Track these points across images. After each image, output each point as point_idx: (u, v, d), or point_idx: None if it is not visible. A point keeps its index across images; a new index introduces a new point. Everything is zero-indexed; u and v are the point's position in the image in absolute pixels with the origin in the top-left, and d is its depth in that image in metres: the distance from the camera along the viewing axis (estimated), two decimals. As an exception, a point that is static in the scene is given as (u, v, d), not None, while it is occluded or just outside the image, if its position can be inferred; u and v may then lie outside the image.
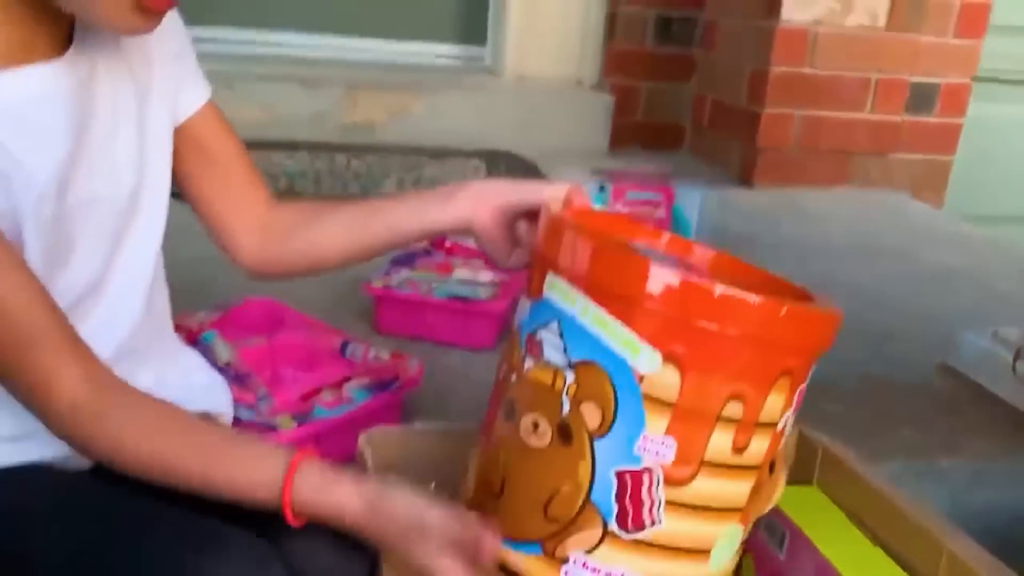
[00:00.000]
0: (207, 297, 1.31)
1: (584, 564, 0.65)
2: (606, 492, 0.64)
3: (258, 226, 0.84)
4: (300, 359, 1.15)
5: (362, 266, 1.48)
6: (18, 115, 0.64)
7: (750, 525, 0.71)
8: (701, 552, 0.67)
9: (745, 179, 2.56)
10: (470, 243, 1.61)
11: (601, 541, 0.65)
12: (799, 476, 1.00)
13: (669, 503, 0.64)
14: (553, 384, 0.65)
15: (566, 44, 2.87)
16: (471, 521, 0.64)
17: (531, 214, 0.76)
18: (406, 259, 1.50)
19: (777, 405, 0.65)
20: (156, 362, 0.80)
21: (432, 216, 0.79)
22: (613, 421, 0.63)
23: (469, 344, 1.39)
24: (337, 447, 0.99)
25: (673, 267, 0.63)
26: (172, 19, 0.79)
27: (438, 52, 2.97)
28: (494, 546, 0.64)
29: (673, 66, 2.85)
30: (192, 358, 0.88)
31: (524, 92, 2.82)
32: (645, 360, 0.61)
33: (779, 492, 0.72)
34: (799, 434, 1.00)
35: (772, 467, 0.71)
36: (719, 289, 0.61)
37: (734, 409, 0.63)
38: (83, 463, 0.74)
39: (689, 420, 0.63)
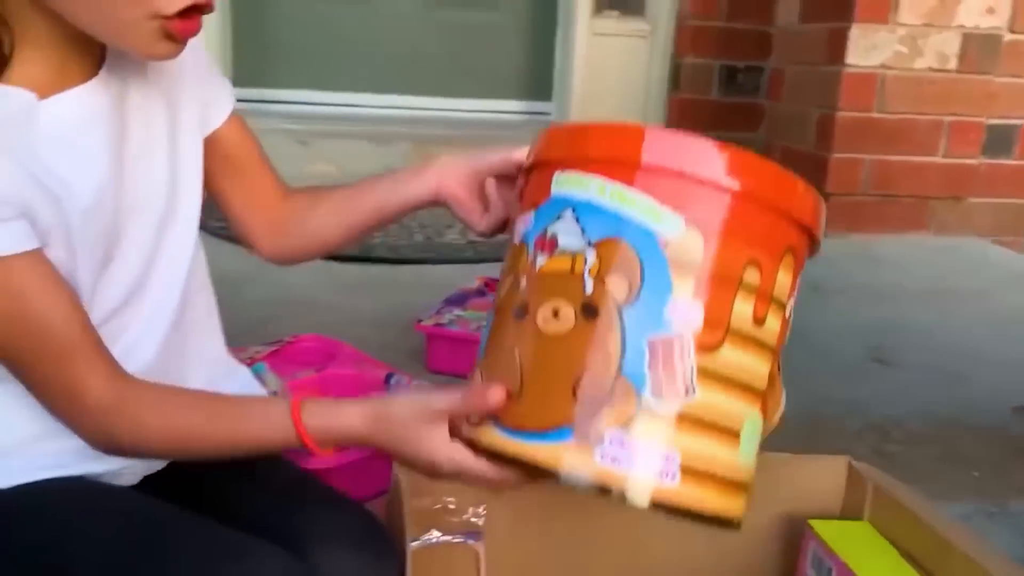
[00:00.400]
0: (268, 337, 1.34)
1: (621, 442, 0.62)
2: (638, 362, 0.62)
3: (270, 220, 0.89)
4: (346, 390, 1.16)
5: (415, 306, 1.52)
6: (60, 137, 0.68)
7: (762, 427, 0.70)
8: (732, 433, 0.65)
9: (815, 226, 2.51)
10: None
11: (636, 416, 0.62)
12: (850, 512, 0.96)
13: (701, 371, 0.63)
14: (573, 269, 0.64)
15: (630, 96, 2.91)
16: (475, 388, 0.65)
17: (499, 177, 0.80)
18: (459, 299, 1.52)
19: (785, 284, 0.67)
20: (207, 369, 0.83)
21: (406, 190, 0.83)
22: (640, 289, 0.62)
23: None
24: (376, 476, 0.99)
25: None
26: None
27: (504, 108, 3.04)
28: (499, 398, 0.63)
29: (740, 115, 2.84)
30: (244, 373, 0.90)
31: (589, 144, 2.84)
32: (668, 225, 0.62)
33: (781, 403, 0.72)
34: (849, 467, 0.97)
35: (778, 367, 0.71)
36: (728, 152, 0.64)
37: (752, 275, 0.64)
38: (131, 479, 0.77)
39: (714, 283, 0.63)
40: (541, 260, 0.66)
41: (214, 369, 0.85)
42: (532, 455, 0.63)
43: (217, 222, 0.90)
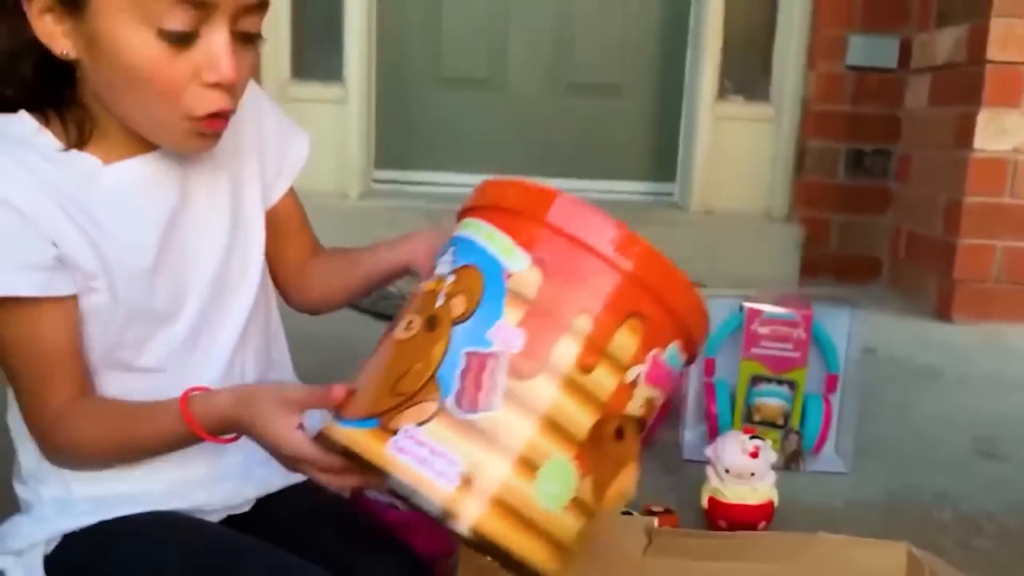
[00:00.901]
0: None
1: (412, 436, 0.65)
2: (452, 369, 0.66)
3: (298, 275, 1.01)
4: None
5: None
6: (118, 199, 0.80)
7: (591, 498, 0.70)
8: (528, 465, 0.66)
9: (943, 313, 2.43)
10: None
11: (433, 416, 0.65)
12: (910, 600, 0.95)
13: (509, 393, 0.66)
14: (435, 289, 0.71)
15: (755, 178, 2.93)
16: (322, 387, 0.72)
17: None
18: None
19: (628, 346, 0.68)
20: None
21: (387, 261, 0.93)
22: (475, 309, 0.68)
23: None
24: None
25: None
26: (258, 103, 0.94)
27: (628, 189, 3.12)
28: (339, 394, 0.70)
29: (866, 198, 2.81)
30: (313, 418, 1.01)
31: (711, 225, 2.88)
32: (517, 261, 0.69)
33: (628, 480, 0.72)
34: (908, 555, 0.96)
35: (621, 434, 0.70)
36: (584, 208, 0.70)
37: (583, 323, 0.67)
38: (217, 516, 0.89)
39: (542, 318, 0.67)
40: (423, 284, 0.74)
41: None
42: (337, 437, 0.68)
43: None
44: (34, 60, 0.76)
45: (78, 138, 0.79)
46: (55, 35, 0.74)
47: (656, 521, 1.11)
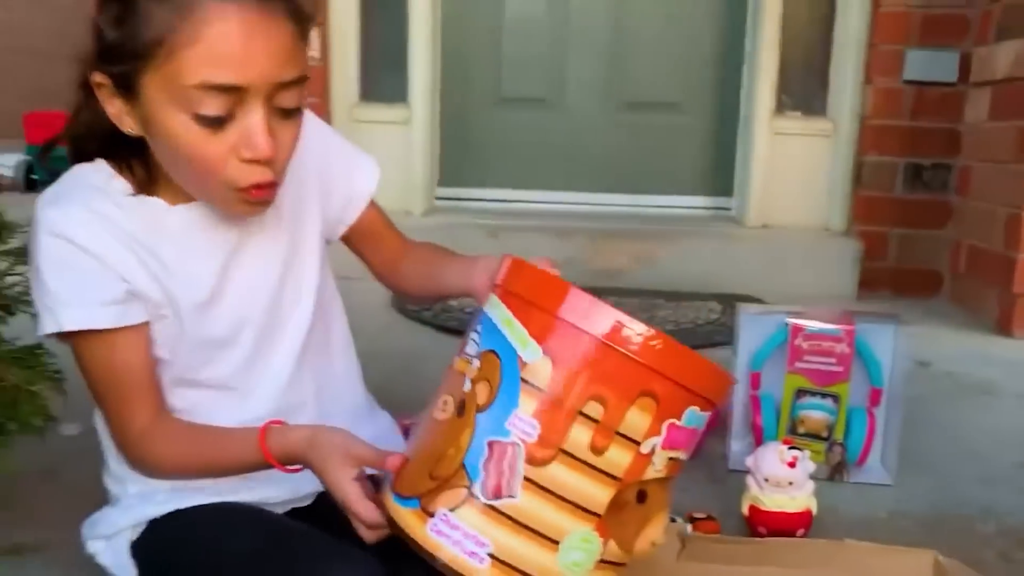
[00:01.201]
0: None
1: (446, 520, 0.74)
2: (477, 457, 0.73)
3: (392, 270, 1.12)
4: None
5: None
6: (181, 238, 0.90)
7: (619, 553, 0.76)
8: (550, 540, 0.73)
9: (1003, 327, 2.42)
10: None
11: (464, 502, 0.73)
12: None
13: (527, 480, 0.72)
14: (464, 371, 0.78)
15: (812, 193, 2.95)
16: (383, 452, 0.81)
17: None
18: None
19: (640, 424, 0.72)
20: (348, 414, 1.04)
21: (454, 285, 1.02)
22: (495, 399, 0.74)
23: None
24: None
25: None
26: (326, 140, 1.04)
27: (686, 204, 3.16)
28: (394, 464, 0.79)
29: (926, 212, 2.80)
30: (383, 418, 1.12)
31: (768, 239, 2.90)
32: (530, 351, 0.73)
33: (655, 531, 0.78)
34: (935, 562, 1.00)
35: (643, 497, 0.76)
36: (592, 301, 0.73)
37: (594, 409, 0.72)
38: (281, 508, 0.99)
39: (554, 408, 0.72)
40: (456, 359, 0.80)
41: (355, 414, 1.06)
42: (391, 512, 0.78)
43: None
44: (110, 130, 0.87)
45: (146, 185, 0.90)
46: (121, 115, 0.85)
47: (690, 528, 1.17)
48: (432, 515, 0.75)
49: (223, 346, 0.95)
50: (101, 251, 0.86)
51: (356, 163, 1.08)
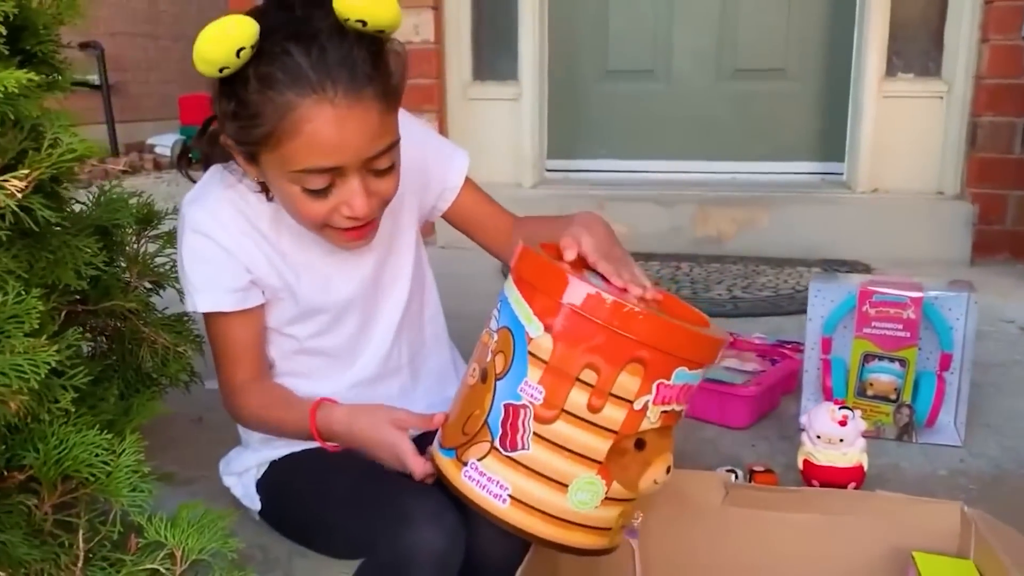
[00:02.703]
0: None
1: (476, 468, 0.90)
2: (497, 417, 0.89)
3: (502, 244, 1.22)
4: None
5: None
6: (298, 232, 1.06)
7: (624, 491, 0.90)
8: (559, 484, 0.88)
9: (1122, 291, 2.36)
10: (751, 338, 1.82)
11: (488, 453, 0.89)
12: (963, 553, 1.07)
13: (536, 435, 0.87)
14: (487, 343, 0.92)
15: (924, 156, 2.91)
16: (424, 415, 0.99)
17: None
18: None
19: (631, 385, 0.85)
20: (435, 378, 1.23)
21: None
22: (509, 368, 0.88)
23: (724, 423, 1.60)
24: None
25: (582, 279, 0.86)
26: (425, 139, 1.19)
27: (795, 170, 3.18)
28: (438, 420, 0.97)
29: (1045, 173, 2.73)
30: None
31: (879, 204, 2.90)
32: (534, 328, 0.87)
33: (656, 473, 0.91)
34: (962, 512, 1.08)
35: (642, 444, 0.90)
36: (584, 286, 0.84)
37: (589, 375, 0.85)
38: None
39: (555, 376, 0.86)
40: (483, 332, 0.95)
41: (441, 374, 1.24)
42: (437, 461, 0.96)
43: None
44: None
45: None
46: (248, 168, 1.02)
47: (734, 477, 1.29)
48: (465, 464, 0.91)
49: (332, 323, 1.14)
50: (231, 246, 1.05)
51: (449, 157, 1.22)
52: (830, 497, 1.13)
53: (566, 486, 0.88)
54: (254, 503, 1.17)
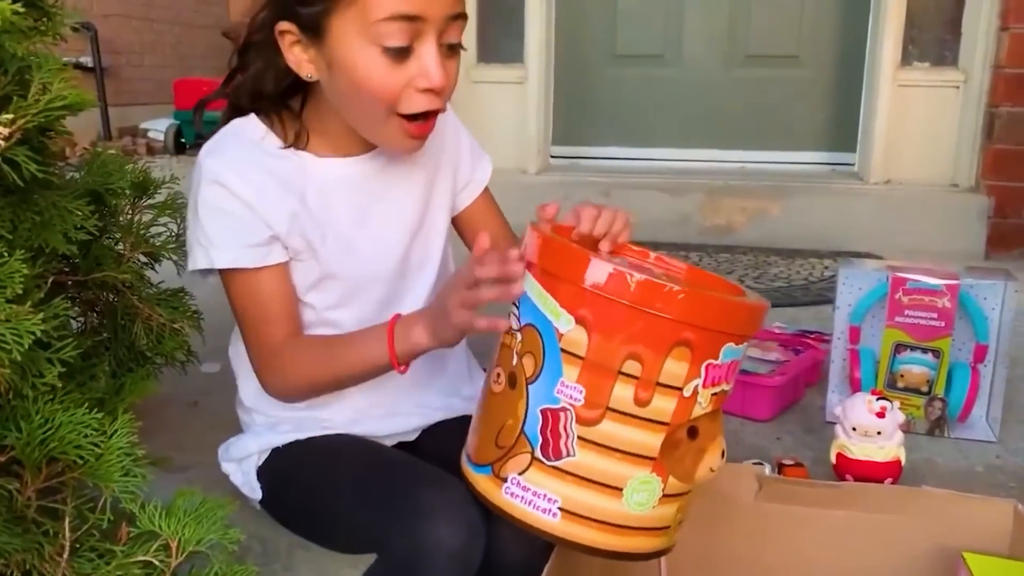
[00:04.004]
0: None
1: (518, 483, 0.82)
2: (534, 425, 0.80)
3: None
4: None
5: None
6: (323, 189, 1.00)
7: (681, 485, 0.83)
8: (613, 488, 0.80)
9: None
10: (772, 327, 1.75)
11: (530, 465, 0.81)
12: (1018, 555, 1.00)
13: (581, 439, 0.79)
14: (511, 345, 0.84)
15: (939, 146, 2.84)
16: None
17: None
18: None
19: (678, 371, 0.77)
20: (448, 378, 1.14)
21: None
22: (541, 370, 0.80)
23: (748, 414, 1.52)
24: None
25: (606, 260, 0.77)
26: (457, 129, 1.13)
27: (806, 159, 3.11)
28: (484, 241, 0.87)
29: (1064, 166, 2.66)
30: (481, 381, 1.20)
31: (891, 195, 2.83)
32: (564, 322, 0.78)
33: (712, 460, 0.84)
34: (1015, 511, 1.01)
35: (695, 433, 0.82)
36: (611, 267, 0.76)
37: (632, 367, 0.77)
38: (389, 441, 1.10)
39: (595, 372, 0.78)
40: (503, 335, 0.87)
41: (455, 376, 1.15)
42: (470, 479, 0.87)
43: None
44: (276, 81, 0.99)
45: (295, 139, 1.00)
46: (302, 62, 0.95)
47: (778, 473, 1.22)
48: (504, 480, 0.83)
49: (353, 294, 1.05)
50: (251, 199, 0.96)
51: (478, 156, 1.17)
52: (871, 493, 1.06)
53: (620, 489, 0.80)
54: (255, 492, 1.09)
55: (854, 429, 1.24)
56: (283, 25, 0.93)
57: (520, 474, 0.82)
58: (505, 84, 3.05)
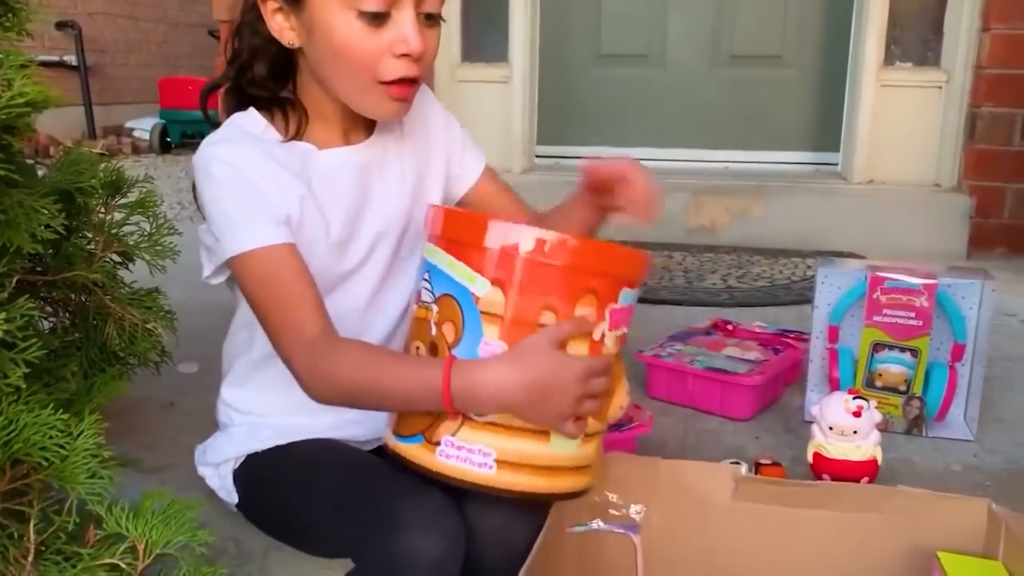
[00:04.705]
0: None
1: (451, 444, 0.85)
2: None
3: None
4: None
5: (641, 338, 1.71)
6: (327, 177, 1.00)
7: (597, 424, 0.89)
8: (540, 433, 0.85)
9: (1124, 286, 2.31)
10: (752, 326, 1.75)
11: (462, 425, 0.85)
12: (991, 554, 1.00)
13: None
14: (427, 317, 0.87)
15: (921, 147, 2.85)
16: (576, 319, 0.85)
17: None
18: (683, 336, 1.69)
19: (588, 317, 0.84)
20: None
21: (574, 219, 1.07)
22: (462, 334, 0.84)
23: (726, 414, 1.52)
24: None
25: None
26: (448, 122, 1.13)
27: (790, 159, 3.11)
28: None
29: (1045, 166, 2.67)
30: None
31: (873, 195, 2.84)
32: (479, 286, 0.83)
33: (620, 399, 0.91)
34: (988, 510, 1.01)
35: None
36: (522, 228, 0.82)
37: (548, 317, 0.83)
38: (366, 445, 1.08)
39: (514, 327, 0.83)
40: (413, 307, 0.91)
41: None
42: (398, 451, 0.89)
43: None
44: (268, 56, 0.99)
45: (295, 131, 1.00)
46: (283, 29, 0.96)
47: (755, 472, 1.21)
48: (438, 444, 0.86)
49: (351, 277, 1.04)
50: (264, 178, 0.95)
51: (469, 147, 1.17)
52: (847, 492, 1.06)
53: (547, 433, 0.86)
54: (231, 496, 1.08)
55: (831, 428, 1.24)
56: None
57: (453, 435, 0.85)
58: (490, 83, 3.05)
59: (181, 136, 5.16)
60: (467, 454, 0.85)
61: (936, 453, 1.42)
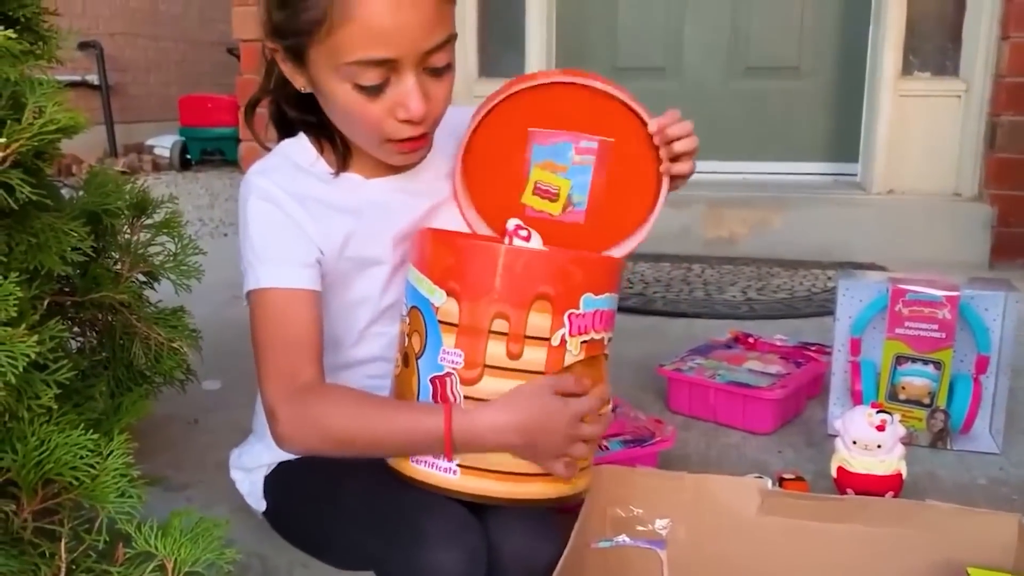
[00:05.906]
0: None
1: None
2: (427, 394, 0.88)
3: None
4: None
5: (661, 352, 1.71)
6: (377, 203, 1.00)
7: None
8: None
9: None
10: (773, 339, 1.74)
11: None
12: (1020, 568, 0.99)
13: (467, 398, 0.87)
14: (404, 330, 0.92)
15: (941, 156, 2.84)
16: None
17: None
18: (704, 349, 1.69)
19: (542, 323, 0.86)
20: None
21: None
22: (425, 344, 0.88)
23: (748, 428, 1.52)
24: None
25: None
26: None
27: (808, 170, 3.10)
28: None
29: (1067, 174, 2.65)
30: None
31: (894, 206, 2.82)
32: (437, 297, 0.87)
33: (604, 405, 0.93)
34: (1020, 525, 1.00)
35: None
36: (467, 244, 0.86)
37: (501, 324, 0.85)
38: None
39: (469, 334, 0.86)
40: (400, 324, 0.95)
41: None
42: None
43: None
44: (292, 93, 0.98)
45: (343, 163, 1.01)
46: (294, 75, 0.96)
47: (769, 483, 1.21)
48: None
49: (390, 314, 1.04)
50: (301, 219, 0.96)
51: None
52: (875, 506, 1.05)
53: None
54: (259, 503, 1.09)
55: (854, 442, 1.23)
56: (271, 44, 0.95)
57: None
58: (507, 98, 3.05)
59: (201, 153, 5.21)
60: (434, 459, 0.89)
61: (961, 466, 1.40)
